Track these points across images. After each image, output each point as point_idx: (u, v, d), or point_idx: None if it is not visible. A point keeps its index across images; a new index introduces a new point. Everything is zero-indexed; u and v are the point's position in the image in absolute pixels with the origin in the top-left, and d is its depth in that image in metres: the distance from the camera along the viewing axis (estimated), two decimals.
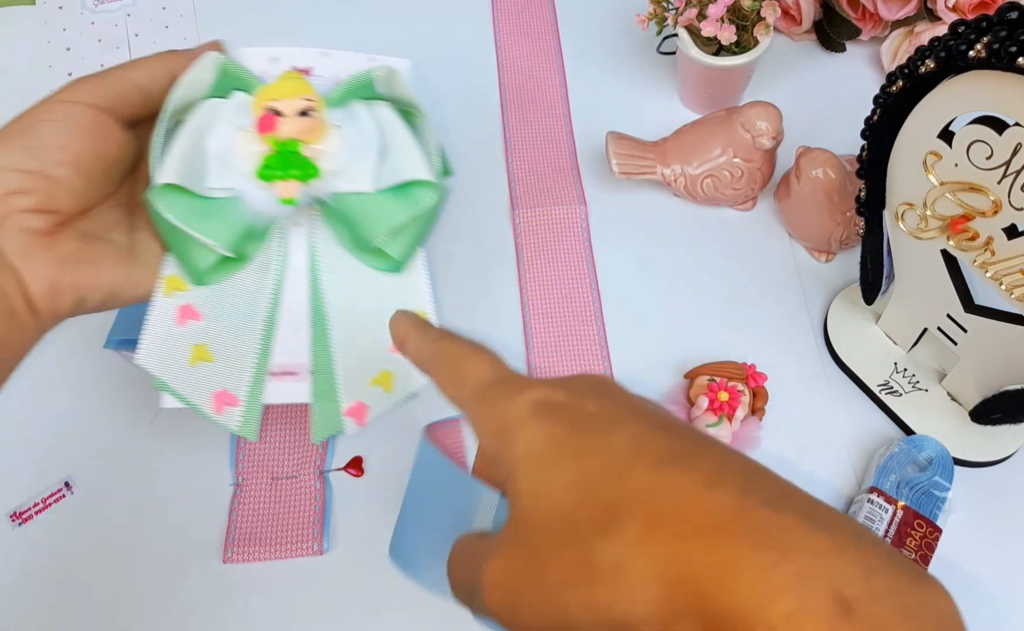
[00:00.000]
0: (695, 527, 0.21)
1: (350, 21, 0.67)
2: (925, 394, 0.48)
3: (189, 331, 0.40)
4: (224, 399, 0.40)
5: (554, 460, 0.24)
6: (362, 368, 0.41)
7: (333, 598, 0.45)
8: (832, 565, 0.19)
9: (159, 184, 0.38)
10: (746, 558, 0.20)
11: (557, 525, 0.23)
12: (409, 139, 0.42)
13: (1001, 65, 0.33)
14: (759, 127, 0.51)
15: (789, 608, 0.19)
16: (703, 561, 0.20)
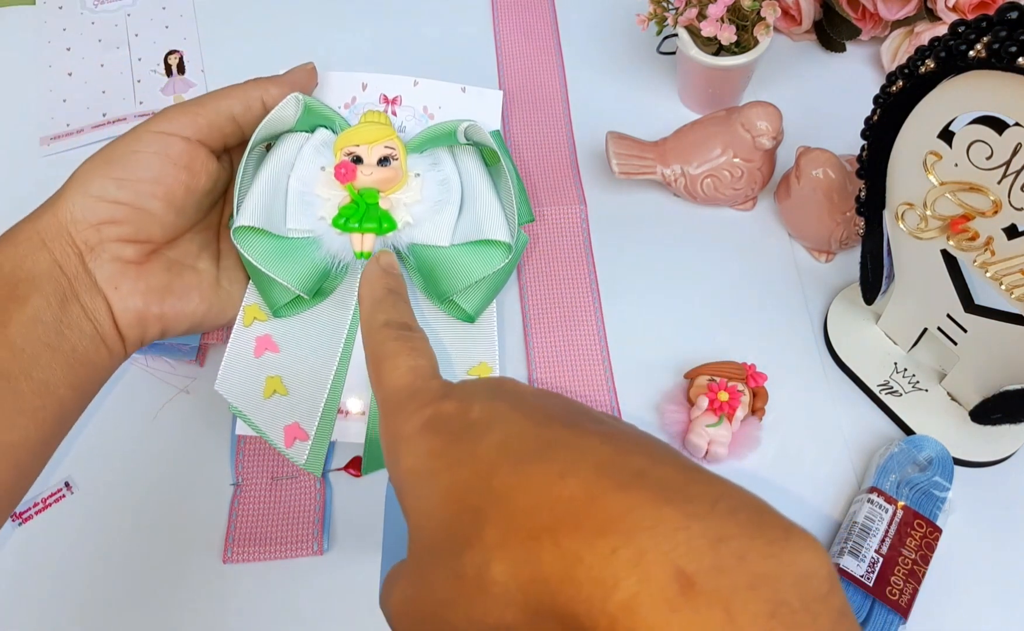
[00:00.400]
0: (545, 523, 0.20)
1: (350, 21, 0.67)
2: (925, 394, 0.48)
3: (266, 362, 0.41)
4: (295, 433, 0.40)
5: (430, 474, 0.24)
6: None
7: (333, 598, 0.45)
8: (675, 540, 0.19)
9: (239, 226, 0.38)
10: (589, 547, 0.19)
11: (437, 541, 0.23)
12: (490, 194, 0.41)
13: (1001, 65, 0.33)
14: (759, 127, 0.51)
15: (628, 594, 0.18)
16: (551, 558, 0.20)
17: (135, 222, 0.37)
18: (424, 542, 0.24)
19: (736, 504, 0.20)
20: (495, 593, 0.21)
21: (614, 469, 0.21)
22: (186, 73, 0.65)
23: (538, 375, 0.50)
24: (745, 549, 0.19)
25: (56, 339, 0.35)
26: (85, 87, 0.64)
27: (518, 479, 0.21)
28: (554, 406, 0.25)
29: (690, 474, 0.21)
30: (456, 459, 0.23)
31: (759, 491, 0.52)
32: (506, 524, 0.21)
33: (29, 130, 0.62)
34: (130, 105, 0.63)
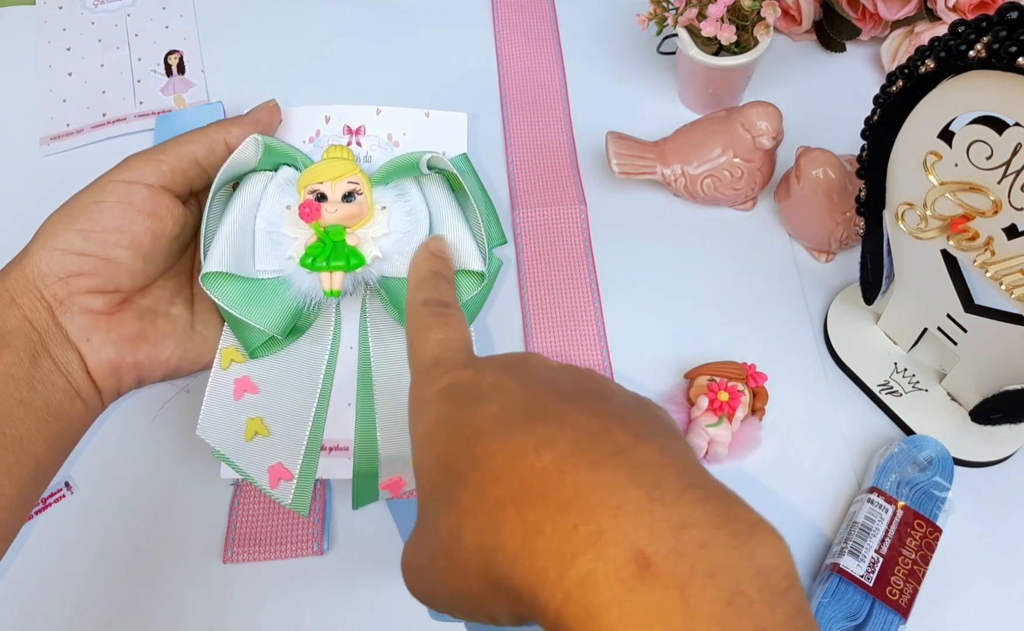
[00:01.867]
0: (513, 493, 0.20)
1: (350, 22, 0.67)
2: (925, 394, 0.48)
3: (246, 404, 0.40)
4: (279, 473, 0.40)
5: (433, 439, 0.24)
6: (404, 443, 0.41)
7: (333, 598, 0.45)
8: (638, 522, 0.19)
9: (208, 272, 0.38)
10: (551, 521, 0.19)
11: (428, 503, 0.24)
12: (459, 222, 0.40)
13: (1001, 65, 0.33)
14: (759, 127, 0.51)
15: (584, 570, 0.18)
16: (513, 528, 0.20)
17: (103, 273, 0.37)
18: (421, 504, 0.24)
19: (706, 494, 0.20)
20: (463, 558, 0.21)
21: (592, 446, 0.21)
22: (186, 73, 0.65)
23: None
24: (708, 538, 0.19)
25: (28, 394, 0.35)
26: (85, 87, 0.64)
27: (497, 447, 0.22)
28: (567, 382, 0.25)
29: (669, 459, 0.21)
30: (455, 426, 0.24)
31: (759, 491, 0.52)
32: (478, 491, 0.21)
33: (29, 130, 0.62)
34: (130, 105, 0.63)
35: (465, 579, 0.21)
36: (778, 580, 0.19)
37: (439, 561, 0.22)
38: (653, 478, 0.20)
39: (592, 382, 0.25)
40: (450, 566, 0.22)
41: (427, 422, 0.25)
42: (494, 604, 0.21)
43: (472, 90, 0.63)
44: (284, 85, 0.64)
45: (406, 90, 0.63)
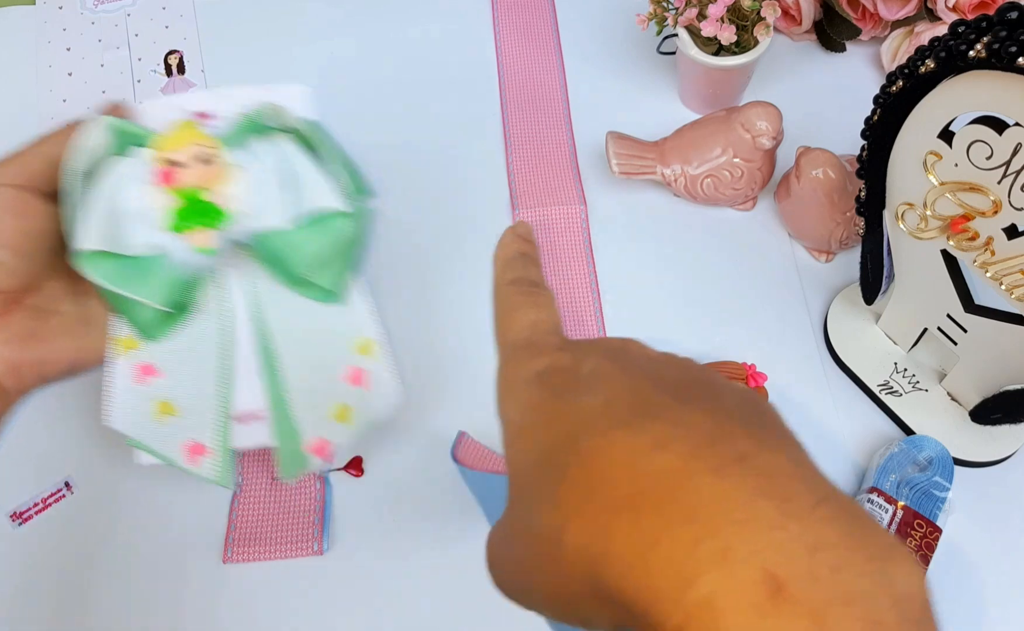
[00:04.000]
0: (625, 496, 0.19)
1: (349, 21, 0.67)
2: (925, 394, 0.48)
3: (150, 389, 0.41)
4: (196, 450, 0.41)
5: (529, 427, 0.23)
6: (318, 404, 0.41)
7: (333, 598, 0.45)
8: (769, 540, 0.17)
9: (84, 250, 0.39)
10: (669, 533, 0.17)
11: (524, 496, 0.22)
12: (313, 169, 0.41)
13: (1001, 65, 0.33)
14: (759, 127, 0.51)
15: (708, 590, 0.17)
16: (626, 535, 0.18)
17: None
18: (514, 495, 0.23)
19: (838, 511, 0.18)
20: (565, 561, 0.19)
21: (713, 450, 0.19)
22: (186, 73, 0.65)
23: None
24: (843, 561, 0.17)
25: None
26: (85, 87, 0.64)
27: (605, 443, 0.20)
28: (673, 375, 0.23)
29: (797, 469, 0.19)
30: (555, 415, 0.22)
31: None
32: (584, 490, 0.20)
33: (29, 130, 0.61)
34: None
35: (564, 582, 0.20)
36: (915, 610, 0.17)
37: (535, 560, 0.21)
38: (782, 490, 0.18)
39: (699, 375, 0.24)
40: (548, 567, 0.20)
41: (521, 408, 0.23)
42: (594, 611, 0.20)
43: (472, 90, 0.63)
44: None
45: (406, 89, 0.63)
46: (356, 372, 0.42)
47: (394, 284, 0.55)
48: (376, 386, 0.42)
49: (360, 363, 0.42)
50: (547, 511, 0.20)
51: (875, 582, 0.17)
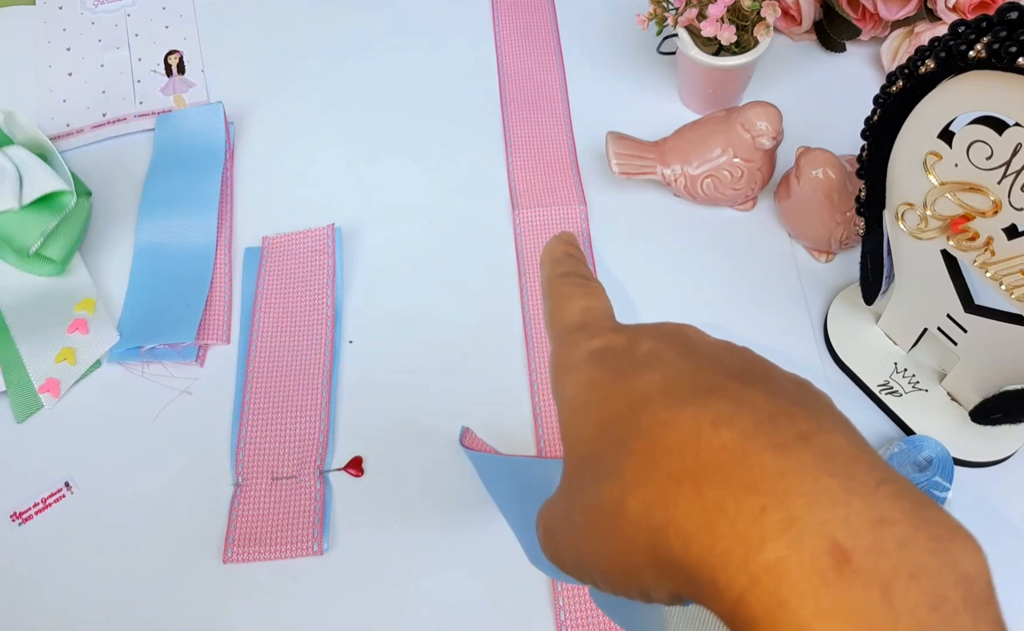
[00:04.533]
0: (688, 468, 0.19)
1: (349, 21, 0.67)
2: (925, 394, 0.48)
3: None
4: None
5: (587, 405, 0.23)
6: (44, 350, 0.51)
7: (333, 598, 0.45)
8: (834, 512, 0.17)
9: None
10: (735, 502, 0.18)
11: (582, 470, 0.22)
12: (41, 165, 0.53)
13: (1001, 65, 0.33)
14: (759, 127, 0.51)
15: (775, 556, 0.17)
16: (690, 504, 0.19)
17: None
18: (572, 469, 0.23)
19: (901, 491, 0.18)
20: (627, 531, 0.20)
21: (773, 428, 0.19)
22: (186, 73, 0.65)
23: (539, 375, 0.50)
24: (908, 537, 0.17)
25: None
26: (85, 87, 0.64)
27: (667, 417, 0.20)
28: (730, 360, 0.24)
29: (857, 451, 0.19)
30: (613, 392, 0.23)
31: None
32: (646, 462, 0.20)
33: None
34: (130, 105, 0.63)
35: (625, 552, 0.20)
36: (979, 590, 0.18)
37: (596, 531, 0.21)
38: (844, 468, 0.18)
39: (756, 361, 0.24)
40: (609, 537, 0.20)
41: (578, 386, 0.24)
42: (654, 580, 0.20)
43: (472, 90, 0.63)
44: (284, 84, 0.64)
45: (406, 89, 0.63)
46: (77, 322, 0.52)
47: (394, 283, 0.55)
48: (94, 332, 0.52)
49: (81, 316, 0.52)
50: (609, 482, 0.21)
51: (940, 560, 0.17)
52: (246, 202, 0.58)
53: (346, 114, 0.62)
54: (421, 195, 0.58)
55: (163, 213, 0.57)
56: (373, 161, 0.60)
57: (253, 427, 0.49)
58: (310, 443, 0.48)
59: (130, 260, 0.56)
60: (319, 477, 0.47)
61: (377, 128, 0.62)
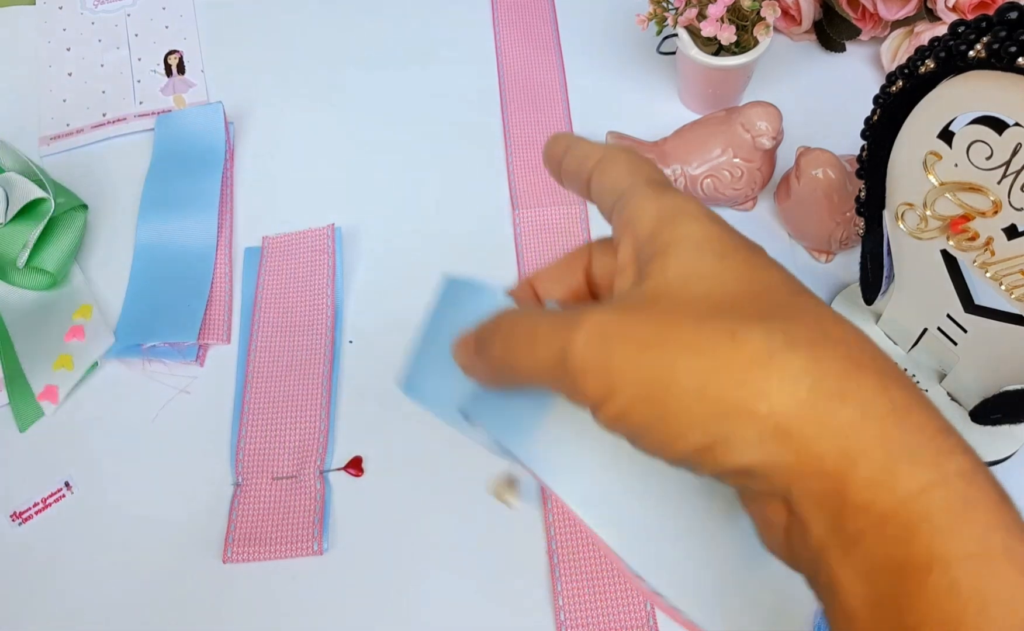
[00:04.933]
0: (860, 362, 0.20)
1: (349, 21, 0.67)
2: (925, 394, 0.48)
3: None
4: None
5: (723, 253, 0.24)
6: (44, 359, 0.52)
7: (333, 598, 0.45)
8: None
9: None
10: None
11: (705, 304, 0.22)
12: (25, 183, 0.53)
13: (1001, 65, 0.33)
14: (759, 127, 0.51)
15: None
16: (869, 388, 0.20)
17: None
18: (680, 297, 0.22)
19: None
20: (773, 375, 0.20)
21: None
22: (186, 73, 0.65)
23: None
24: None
25: None
26: (85, 87, 0.64)
27: (829, 313, 0.22)
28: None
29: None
30: (755, 263, 0.24)
31: None
32: (819, 336, 0.21)
33: (29, 130, 0.62)
34: (130, 105, 0.63)
35: (756, 397, 0.20)
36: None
37: (706, 355, 0.20)
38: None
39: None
40: (737, 366, 0.20)
41: (705, 232, 0.24)
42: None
43: (472, 90, 0.63)
44: (283, 84, 0.64)
45: (406, 89, 0.63)
46: (75, 329, 0.52)
47: (394, 284, 0.55)
48: (91, 337, 0.52)
49: (79, 323, 0.53)
50: (764, 328, 0.21)
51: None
52: (246, 202, 0.59)
53: (346, 114, 0.62)
54: (421, 195, 0.58)
55: (163, 213, 0.57)
56: (373, 160, 0.60)
57: (253, 427, 0.49)
58: (310, 443, 0.48)
59: (130, 260, 0.56)
60: (319, 477, 0.47)
61: (377, 127, 0.62)
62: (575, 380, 0.21)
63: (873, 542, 0.19)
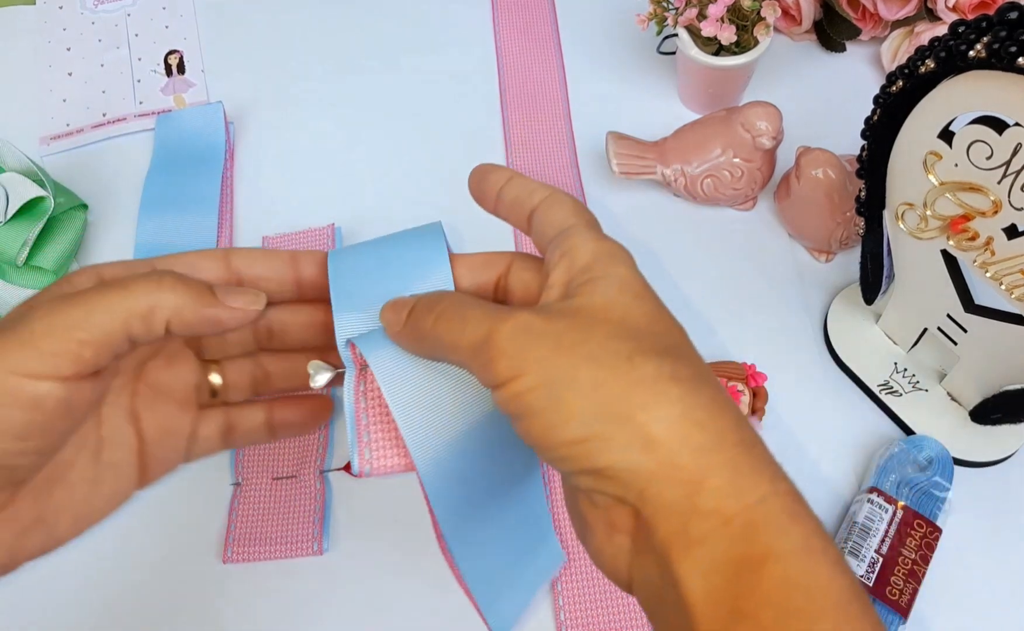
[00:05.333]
0: (723, 404, 0.25)
1: (348, 21, 0.67)
2: (925, 394, 0.48)
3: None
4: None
5: (641, 296, 0.28)
6: None
7: (333, 598, 0.45)
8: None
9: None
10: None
11: (616, 328, 0.26)
12: (25, 181, 0.53)
13: (1001, 65, 0.33)
14: (759, 127, 0.51)
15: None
16: (726, 422, 0.24)
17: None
18: (596, 316, 0.26)
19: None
20: (645, 384, 0.24)
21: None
22: (186, 73, 0.65)
23: None
24: None
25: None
26: (85, 87, 0.64)
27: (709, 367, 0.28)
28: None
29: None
30: (666, 313, 0.29)
31: None
32: (692, 374, 0.25)
33: (29, 130, 0.62)
34: (130, 105, 0.63)
35: (643, 401, 0.24)
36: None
37: (603, 363, 0.25)
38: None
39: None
40: (628, 385, 0.24)
41: (633, 276, 0.29)
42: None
43: (472, 90, 0.63)
44: (284, 84, 0.64)
45: (405, 89, 0.63)
46: None
47: None
48: None
49: None
50: (663, 359, 0.26)
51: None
52: (246, 202, 0.59)
53: (346, 113, 0.63)
54: (421, 194, 0.58)
55: (163, 213, 0.57)
56: (373, 160, 0.60)
57: None
58: (310, 443, 0.48)
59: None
60: (319, 477, 0.47)
61: (377, 127, 0.62)
62: (490, 360, 0.25)
63: (716, 542, 0.22)
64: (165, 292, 0.28)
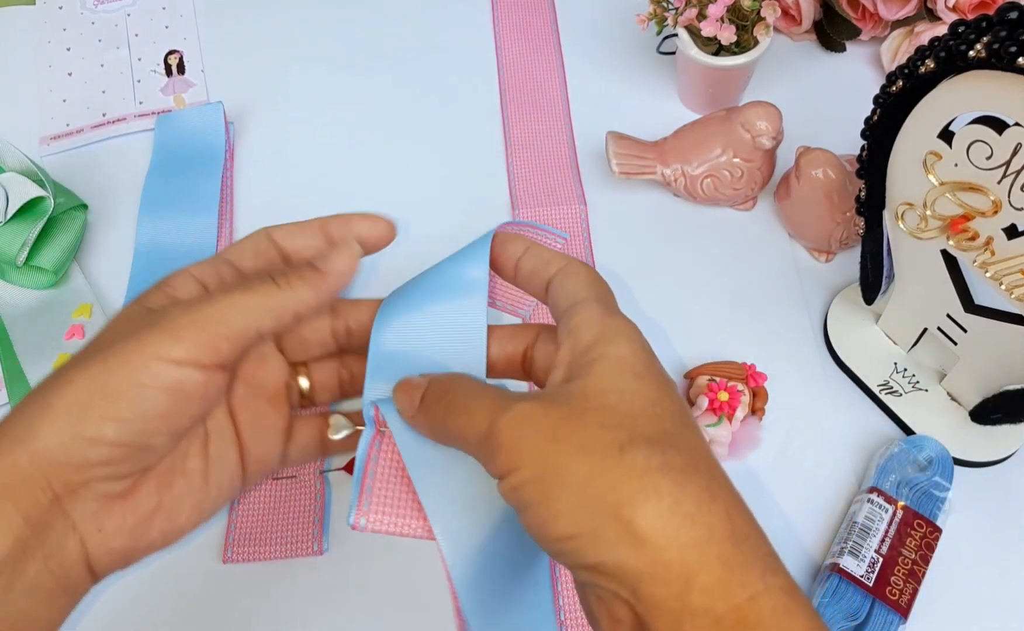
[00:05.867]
0: (715, 493, 0.25)
1: (348, 21, 0.67)
2: (925, 394, 0.48)
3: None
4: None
5: (641, 374, 0.28)
6: (43, 359, 0.52)
7: (333, 598, 0.45)
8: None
9: None
10: None
11: (611, 415, 0.26)
12: (25, 181, 0.53)
13: (1001, 65, 0.33)
14: (759, 127, 0.51)
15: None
16: (717, 515, 0.24)
17: (132, 459, 0.30)
18: (591, 403, 0.26)
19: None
20: (634, 476, 0.24)
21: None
22: (186, 73, 0.65)
23: None
24: None
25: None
26: (85, 87, 0.64)
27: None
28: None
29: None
30: (667, 390, 0.28)
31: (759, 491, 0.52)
32: (684, 462, 0.25)
33: (29, 130, 0.62)
34: (130, 105, 0.63)
35: (633, 506, 0.24)
36: None
37: (596, 455, 0.25)
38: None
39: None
40: (618, 478, 0.24)
41: (633, 356, 0.28)
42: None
43: (472, 90, 0.63)
44: (284, 84, 0.64)
45: (405, 90, 0.63)
46: (74, 328, 0.53)
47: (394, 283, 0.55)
48: (91, 335, 0.50)
49: (79, 322, 0.53)
50: (649, 449, 0.25)
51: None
52: (246, 202, 0.59)
53: (345, 114, 0.63)
54: (421, 194, 0.58)
55: (163, 213, 0.57)
56: (372, 160, 0.60)
57: None
58: None
59: (130, 260, 0.55)
60: (319, 477, 0.47)
61: (376, 127, 0.62)
62: (492, 452, 0.26)
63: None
64: (285, 290, 0.32)
